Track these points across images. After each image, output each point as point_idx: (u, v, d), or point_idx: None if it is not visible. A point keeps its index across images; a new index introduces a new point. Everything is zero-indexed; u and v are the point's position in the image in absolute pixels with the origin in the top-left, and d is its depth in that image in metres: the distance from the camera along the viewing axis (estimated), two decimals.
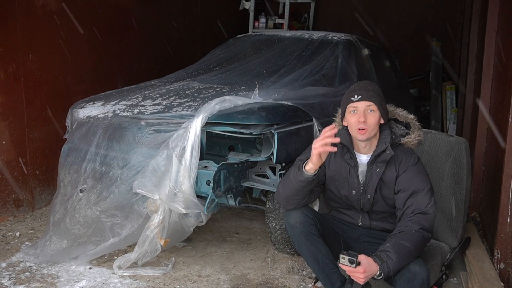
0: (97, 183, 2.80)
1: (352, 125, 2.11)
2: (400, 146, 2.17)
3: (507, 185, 2.57)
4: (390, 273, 1.92)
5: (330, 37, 4.07)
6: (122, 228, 2.70)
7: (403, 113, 2.25)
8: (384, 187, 2.16)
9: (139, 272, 2.70)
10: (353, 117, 2.11)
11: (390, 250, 1.93)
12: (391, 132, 2.18)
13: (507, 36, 2.94)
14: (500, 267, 2.64)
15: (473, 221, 3.54)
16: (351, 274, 1.90)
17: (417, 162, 2.16)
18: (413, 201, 2.08)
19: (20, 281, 2.63)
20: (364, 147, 2.17)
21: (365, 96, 2.09)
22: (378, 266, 1.89)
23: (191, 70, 3.97)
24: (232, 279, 2.72)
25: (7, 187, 3.53)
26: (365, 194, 2.19)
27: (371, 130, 2.09)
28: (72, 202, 2.83)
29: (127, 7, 4.62)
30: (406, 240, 1.97)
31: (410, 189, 2.10)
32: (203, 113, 2.59)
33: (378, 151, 2.13)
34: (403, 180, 2.12)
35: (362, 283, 1.90)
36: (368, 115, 2.08)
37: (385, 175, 2.15)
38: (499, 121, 2.94)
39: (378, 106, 2.10)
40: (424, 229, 2.02)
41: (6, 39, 3.39)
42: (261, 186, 2.85)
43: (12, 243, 3.13)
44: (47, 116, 3.77)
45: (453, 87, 6.08)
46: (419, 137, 2.18)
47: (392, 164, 2.14)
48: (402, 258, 1.93)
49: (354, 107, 2.10)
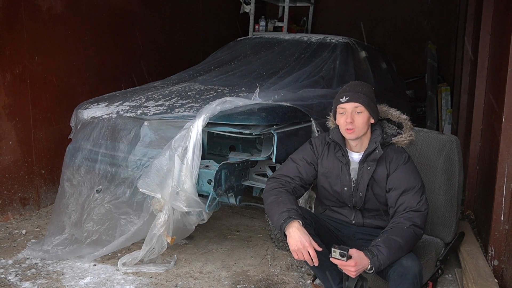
0: (110, 184, 2.82)
1: (341, 125, 2.13)
2: (391, 145, 2.17)
3: (500, 184, 2.58)
4: (381, 267, 1.92)
5: (328, 39, 4.07)
6: (134, 226, 2.73)
7: (396, 113, 2.25)
8: (376, 185, 2.16)
9: (142, 269, 2.70)
10: (342, 118, 2.13)
11: (381, 245, 1.93)
12: (382, 131, 2.18)
13: (500, 39, 2.94)
14: (494, 264, 2.64)
15: (468, 219, 3.54)
16: (343, 267, 1.90)
17: (408, 161, 2.16)
18: (405, 199, 2.08)
19: (26, 277, 2.63)
20: (355, 146, 2.18)
21: (352, 98, 2.09)
22: (369, 260, 1.89)
23: (192, 72, 3.97)
24: (232, 276, 2.72)
25: (14, 186, 3.53)
26: (357, 192, 2.19)
27: (359, 131, 2.11)
28: (89, 203, 2.86)
29: (131, 11, 4.62)
30: (398, 235, 1.97)
31: (401, 188, 2.10)
32: (204, 114, 2.59)
33: (368, 150, 2.14)
34: (394, 178, 2.13)
35: (354, 276, 1.90)
36: (355, 116, 2.09)
37: (376, 173, 2.15)
38: (493, 122, 2.94)
39: (366, 107, 2.10)
40: (415, 225, 2.02)
41: (12, 42, 3.40)
42: (261, 185, 2.84)
43: (18, 241, 3.13)
44: (52, 117, 3.77)
45: (448, 89, 6.09)
46: (411, 137, 2.18)
47: (383, 163, 2.15)
48: (393, 252, 1.93)
49: (342, 108, 2.12)
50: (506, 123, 2.54)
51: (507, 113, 2.54)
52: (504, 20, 2.85)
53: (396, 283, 1.94)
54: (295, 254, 1.95)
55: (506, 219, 2.56)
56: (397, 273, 1.95)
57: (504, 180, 2.57)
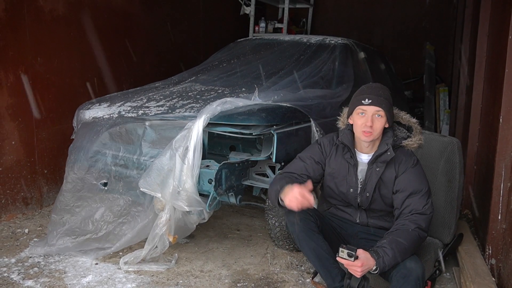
0: (118, 182, 2.83)
1: (359, 126, 2.12)
2: (401, 148, 2.18)
3: (498, 183, 2.58)
4: (385, 268, 1.92)
5: (328, 41, 4.06)
6: (139, 224, 2.75)
7: (406, 117, 2.27)
8: (383, 186, 2.17)
9: (144, 268, 2.70)
10: (361, 119, 2.11)
11: (386, 246, 1.94)
12: (393, 134, 2.18)
13: (498, 40, 2.94)
14: (492, 263, 2.64)
15: (466, 218, 3.54)
16: (349, 267, 1.90)
17: (416, 164, 2.16)
18: (411, 202, 2.08)
19: (29, 276, 2.63)
20: (366, 147, 2.18)
21: (375, 101, 2.08)
22: (374, 260, 1.90)
23: (193, 72, 3.96)
24: (233, 274, 2.72)
25: (16, 186, 3.53)
26: (364, 192, 2.19)
27: (376, 134, 2.11)
28: (93, 199, 2.89)
29: (132, 12, 4.62)
30: (403, 237, 1.97)
31: (408, 190, 2.10)
32: (205, 114, 2.59)
33: (379, 152, 2.14)
34: (402, 180, 2.13)
35: (359, 276, 1.90)
36: (375, 119, 2.09)
37: (385, 175, 2.15)
38: (490, 122, 2.94)
39: (386, 112, 2.10)
40: (420, 228, 2.02)
41: (15, 43, 3.40)
42: (261, 184, 2.85)
43: (21, 240, 3.14)
44: (54, 117, 3.77)
45: (446, 89, 6.08)
46: (420, 141, 2.19)
47: (392, 165, 2.15)
48: (398, 254, 1.94)
49: (363, 109, 2.11)
50: (504, 123, 2.54)
51: (504, 114, 2.54)
52: (501, 21, 2.85)
53: (399, 284, 1.95)
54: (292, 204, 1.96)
55: (503, 219, 2.56)
56: (400, 274, 1.95)
57: (501, 179, 2.57)
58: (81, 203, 2.93)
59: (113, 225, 2.83)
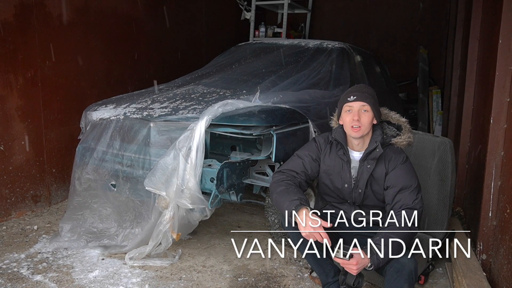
0: (126, 182, 2.84)
1: (347, 123, 2.13)
2: (391, 146, 2.18)
3: (488, 182, 2.58)
4: (380, 264, 1.93)
5: (325, 45, 4.07)
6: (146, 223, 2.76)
7: (395, 116, 2.27)
8: (374, 183, 2.17)
9: (148, 263, 2.71)
10: (348, 116, 2.13)
11: (380, 243, 1.94)
12: (382, 132, 2.19)
13: (488, 44, 2.94)
14: (483, 258, 2.64)
15: (458, 215, 3.54)
16: (345, 266, 1.90)
17: (406, 160, 2.17)
18: (401, 197, 2.08)
19: (38, 271, 2.63)
20: (357, 145, 2.19)
21: (360, 97, 2.12)
22: (369, 258, 1.90)
23: (196, 75, 3.96)
24: (234, 269, 2.72)
25: (26, 184, 3.53)
26: (356, 189, 2.19)
27: (364, 129, 2.11)
28: (101, 199, 2.92)
29: (137, 17, 4.62)
30: (395, 233, 1.97)
31: (398, 186, 2.10)
32: (207, 115, 2.60)
33: (369, 149, 2.15)
34: (392, 177, 2.13)
35: (355, 274, 1.90)
36: (362, 114, 2.11)
37: (375, 171, 2.16)
38: (482, 123, 2.94)
39: (372, 107, 2.12)
40: (411, 223, 2.02)
41: (24, 47, 3.40)
42: (261, 183, 2.85)
43: (30, 236, 3.14)
44: (62, 118, 3.77)
45: (438, 91, 6.08)
46: (409, 139, 2.19)
47: (382, 162, 2.15)
48: (391, 250, 1.94)
49: (349, 106, 2.13)
50: (494, 124, 2.54)
51: (494, 115, 2.54)
52: (492, 26, 2.85)
53: (392, 278, 1.95)
54: (307, 237, 1.95)
55: (494, 215, 2.56)
56: (394, 268, 1.96)
57: (492, 178, 2.57)
58: (97, 199, 2.95)
59: (128, 224, 2.85)
